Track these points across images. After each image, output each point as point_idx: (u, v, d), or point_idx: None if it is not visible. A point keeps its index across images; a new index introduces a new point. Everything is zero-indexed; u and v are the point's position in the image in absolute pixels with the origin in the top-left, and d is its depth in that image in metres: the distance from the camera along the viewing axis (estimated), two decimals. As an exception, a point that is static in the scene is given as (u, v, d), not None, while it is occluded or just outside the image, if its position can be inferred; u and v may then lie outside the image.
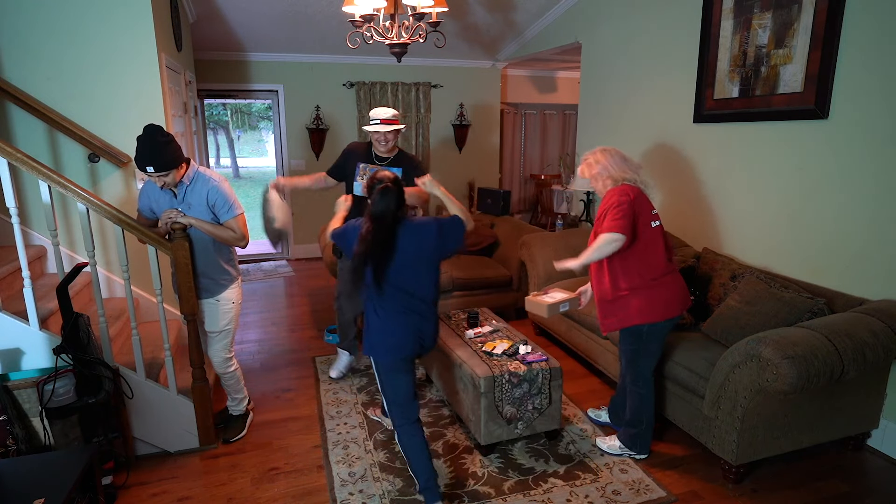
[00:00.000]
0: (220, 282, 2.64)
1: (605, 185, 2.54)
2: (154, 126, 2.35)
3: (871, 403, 2.62)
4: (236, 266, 2.75)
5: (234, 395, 2.88)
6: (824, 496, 2.40)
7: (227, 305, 2.67)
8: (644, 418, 2.59)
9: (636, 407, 2.59)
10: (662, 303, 2.45)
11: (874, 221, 2.68)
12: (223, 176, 2.62)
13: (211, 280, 2.61)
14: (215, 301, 2.64)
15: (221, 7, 4.73)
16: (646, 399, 2.57)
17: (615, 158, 2.54)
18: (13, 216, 2.32)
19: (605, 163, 2.53)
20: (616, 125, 4.56)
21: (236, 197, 2.58)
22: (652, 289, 2.45)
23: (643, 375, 2.56)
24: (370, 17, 3.37)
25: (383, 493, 2.39)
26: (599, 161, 2.55)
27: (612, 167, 2.52)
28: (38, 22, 2.99)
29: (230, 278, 2.69)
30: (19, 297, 2.52)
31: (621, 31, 4.41)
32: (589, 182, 2.61)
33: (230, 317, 2.70)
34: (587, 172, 2.57)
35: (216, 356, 2.72)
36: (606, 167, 2.53)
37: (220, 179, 2.56)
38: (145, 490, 2.44)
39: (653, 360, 2.57)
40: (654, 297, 2.45)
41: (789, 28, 2.97)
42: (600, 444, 2.73)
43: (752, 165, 3.30)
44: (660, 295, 2.45)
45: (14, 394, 2.25)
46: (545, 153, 8.16)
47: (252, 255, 6.73)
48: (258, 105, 18.56)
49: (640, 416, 2.59)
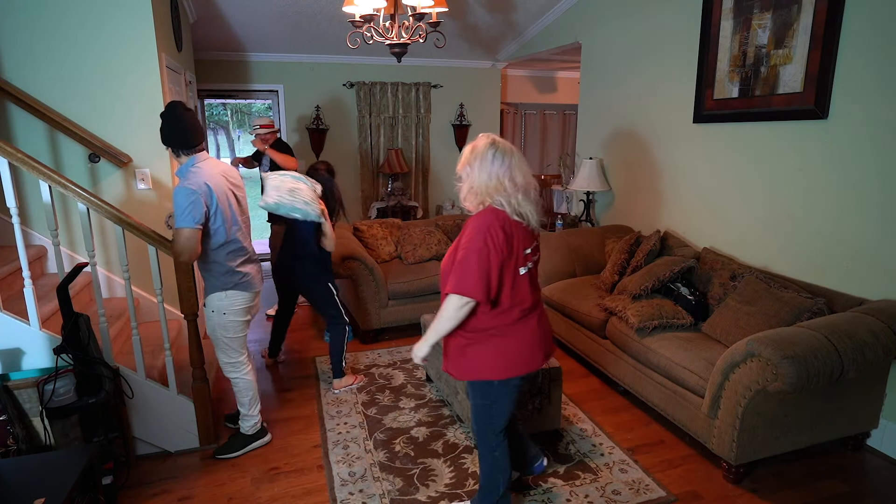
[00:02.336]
0: (207, 285, 2.55)
1: (468, 199, 1.88)
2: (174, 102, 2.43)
3: (871, 403, 2.62)
4: (221, 276, 2.48)
5: (239, 407, 2.72)
6: (824, 496, 2.40)
7: (209, 311, 2.54)
8: (502, 481, 2.07)
9: (490, 471, 2.08)
10: (519, 353, 1.92)
11: (874, 221, 2.68)
12: (201, 183, 2.32)
13: (205, 280, 2.57)
14: (203, 304, 2.62)
15: (221, 7, 4.73)
16: (502, 458, 2.06)
17: (491, 164, 1.80)
18: (13, 216, 2.32)
19: (473, 166, 1.83)
20: (616, 125, 4.56)
21: (194, 208, 2.27)
22: (510, 334, 1.90)
23: (495, 437, 2.04)
24: (370, 17, 3.37)
25: (383, 493, 2.39)
26: (468, 161, 1.86)
27: (480, 175, 1.82)
28: (39, 22, 2.99)
29: (212, 286, 2.51)
30: (19, 297, 2.53)
31: (621, 31, 4.41)
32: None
33: (213, 324, 2.54)
34: (458, 168, 1.91)
35: (218, 359, 2.68)
36: (472, 174, 1.83)
37: (183, 186, 2.30)
38: (145, 490, 2.45)
39: (508, 413, 2.03)
40: (508, 346, 1.90)
41: (789, 28, 2.97)
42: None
43: (751, 165, 3.30)
44: (516, 344, 1.91)
45: (14, 394, 2.25)
46: (545, 153, 8.15)
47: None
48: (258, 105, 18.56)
49: (497, 481, 2.07)
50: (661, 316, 2.96)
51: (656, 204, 4.13)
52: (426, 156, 6.76)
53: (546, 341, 2.01)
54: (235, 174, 2.61)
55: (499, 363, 1.90)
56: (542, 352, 1.97)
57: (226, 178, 2.50)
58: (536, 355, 1.96)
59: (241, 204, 2.57)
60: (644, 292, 3.14)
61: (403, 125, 6.60)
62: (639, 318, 2.95)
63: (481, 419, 2.03)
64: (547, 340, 2.02)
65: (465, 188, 1.87)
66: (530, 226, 1.87)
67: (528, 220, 1.85)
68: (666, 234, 3.74)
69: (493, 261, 1.78)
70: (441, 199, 7.01)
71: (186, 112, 2.39)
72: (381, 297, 4.01)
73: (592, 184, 4.58)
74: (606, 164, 4.72)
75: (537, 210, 1.88)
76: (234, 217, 2.49)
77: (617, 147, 4.57)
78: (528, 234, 1.89)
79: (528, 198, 1.85)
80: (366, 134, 6.45)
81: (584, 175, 4.61)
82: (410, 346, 4.01)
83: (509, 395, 1.98)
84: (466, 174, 1.86)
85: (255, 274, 2.64)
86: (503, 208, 1.82)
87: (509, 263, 1.82)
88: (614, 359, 3.19)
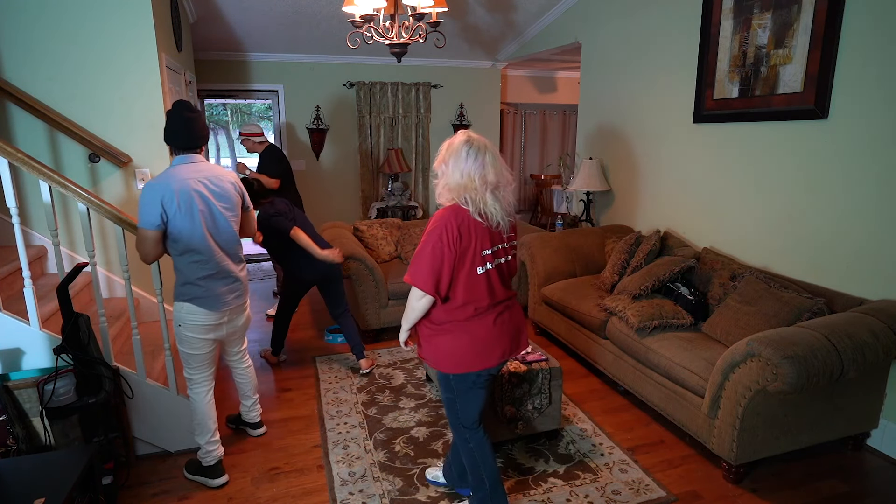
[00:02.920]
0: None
1: (443, 196, 1.89)
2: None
3: (871, 403, 2.62)
4: (180, 285, 2.31)
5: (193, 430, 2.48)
6: (824, 496, 2.40)
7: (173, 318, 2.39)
8: (486, 475, 2.06)
9: (471, 468, 2.08)
10: (472, 349, 1.92)
11: (874, 221, 2.68)
12: (166, 184, 2.18)
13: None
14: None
15: (221, 7, 4.73)
16: (481, 457, 2.05)
17: (465, 162, 1.81)
18: (13, 216, 2.32)
19: (448, 163, 1.85)
20: (616, 125, 4.56)
21: (149, 209, 2.16)
22: (463, 330, 1.91)
23: (466, 431, 2.06)
24: (370, 17, 3.37)
25: (383, 493, 2.39)
26: (443, 158, 1.87)
27: (454, 173, 1.83)
28: (39, 22, 2.99)
29: (174, 292, 2.34)
30: (19, 297, 2.53)
31: (621, 31, 4.41)
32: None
33: (176, 334, 2.37)
34: (435, 165, 1.93)
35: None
36: (447, 171, 1.85)
37: (147, 184, 2.21)
38: (145, 490, 2.45)
39: (474, 407, 2.03)
40: (459, 342, 1.92)
41: (789, 28, 2.97)
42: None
43: (751, 165, 3.30)
44: (468, 340, 1.91)
45: (14, 394, 2.25)
46: (545, 153, 8.16)
47: (252, 255, 6.74)
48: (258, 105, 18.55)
49: (480, 475, 2.07)
50: (661, 316, 2.96)
51: (656, 204, 4.13)
52: (426, 156, 6.76)
53: (503, 340, 1.96)
54: (225, 183, 2.35)
55: (451, 357, 1.94)
56: (497, 350, 1.95)
57: (207, 183, 2.27)
58: (491, 353, 1.94)
59: (214, 214, 2.29)
60: (644, 292, 3.14)
61: (403, 125, 6.60)
62: (639, 319, 2.95)
63: (448, 411, 2.09)
64: (505, 339, 1.97)
65: (441, 185, 1.89)
66: (496, 226, 1.87)
67: (492, 221, 1.84)
68: (666, 234, 3.74)
69: (445, 257, 1.81)
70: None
71: (185, 113, 2.29)
72: (381, 297, 4.01)
73: (592, 184, 4.58)
74: (606, 164, 4.72)
75: (506, 209, 1.88)
76: (199, 226, 2.23)
77: (617, 147, 4.57)
78: (491, 234, 1.88)
79: (496, 197, 1.85)
80: (366, 134, 6.45)
81: (584, 175, 4.61)
82: (410, 346, 4.00)
83: (469, 391, 2.00)
84: (442, 171, 1.87)
85: (224, 294, 2.36)
86: (467, 207, 1.83)
87: (463, 262, 1.84)
88: (614, 359, 3.19)
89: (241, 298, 2.48)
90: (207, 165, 2.35)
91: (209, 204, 2.28)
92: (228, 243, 2.38)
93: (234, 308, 2.45)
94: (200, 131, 2.34)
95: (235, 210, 2.41)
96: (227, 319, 2.43)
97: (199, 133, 2.33)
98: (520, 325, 2.05)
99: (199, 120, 2.33)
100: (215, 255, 2.31)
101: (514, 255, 2.02)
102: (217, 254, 2.32)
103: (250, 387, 2.83)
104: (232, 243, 2.40)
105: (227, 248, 2.38)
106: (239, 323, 2.53)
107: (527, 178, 8.11)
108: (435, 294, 1.84)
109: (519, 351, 2.06)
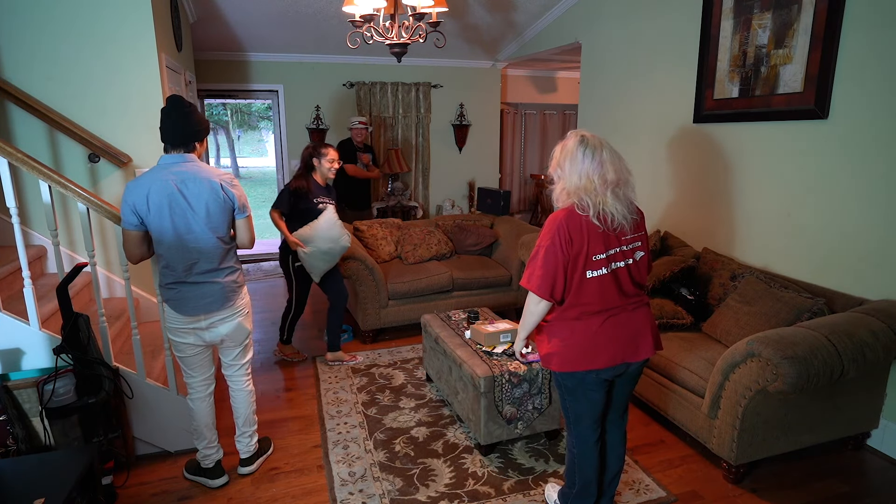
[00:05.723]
0: None
1: (561, 200, 1.85)
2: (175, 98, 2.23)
3: (871, 403, 2.62)
4: (159, 286, 2.31)
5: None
6: (824, 496, 2.40)
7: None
8: (576, 480, 2.07)
9: (568, 464, 2.11)
10: (578, 349, 1.87)
11: (874, 221, 2.68)
12: (141, 184, 2.14)
13: None
14: None
15: (221, 7, 4.73)
16: (579, 459, 2.04)
17: (582, 163, 1.77)
18: (13, 216, 2.32)
19: (564, 166, 1.81)
20: (616, 125, 4.56)
21: (123, 208, 2.16)
22: (570, 330, 1.87)
23: (573, 430, 2.04)
24: (370, 17, 3.37)
25: (383, 493, 2.39)
26: (558, 162, 1.85)
27: (572, 176, 1.79)
28: (38, 22, 2.99)
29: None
30: (19, 297, 2.52)
31: (621, 31, 4.41)
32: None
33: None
34: (549, 169, 1.90)
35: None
36: (564, 175, 1.82)
37: (126, 186, 2.18)
38: (145, 490, 2.45)
39: (581, 409, 1.98)
40: (567, 340, 1.88)
41: (789, 28, 2.97)
42: (547, 490, 2.36)
43: (751, 165, 3.30)
44: (572, 339, 1.87)
45: (14, 394, 2.25)
46: (545, 153, 8.15)
47: (253, 254, 6.74)
48: (258, 105, 18.57)
49: (572, 477, 2.09)
50: (661, 316, 2.96)
51: (656, 204, 4.13)
52: (426, 156, 6.76)
53: (613, 343, 1.86)
54: (204, 186, 2.18)
55: (556, 355, 1.90)
56: (605, 353, 1.86)
57: (182, 186, 2.14)
58: (597, 355, 1.86)
59: (187, 217, 2.15)
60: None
61: (403, 125, 6.60)
62: (639, 318, 2.95)
63: (563, 409, 2.06)
64: (616, 342, 1.86)
65: (559, 189, 1.84)
66: (617, 228, 1.79)
67: (613, 222, 1.77)
68: (666, 234, 3.74)
69: (559, 260, 1.77)
70: (441, 199, 7.02)
71: (174, 110, 2.18)
72: (381, 297, 4.01)
73: (592, 184, 4.57)
74: (606, 164, 4.71)
75: (628, 207, 1.83)
76: (169, 228, 2.14)
77: (617, 147, 4.52)
78: (606, 237, 1.80)
79: (618, 195, 1.79)
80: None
81: (584, 175, 4.61)
82: (411, 346, 4.01)
83: (576, 391, 1.94)
84: (558, 176, 1.83)
85: (194, 298, 2.24)
86: (587, 209, 1.77)
87: (575, 266, 1.79)
88: (614, 359, 3.19)
89: (219, 305, 2.28)
90: (192, 166, 2.19)
91: (182, 207, 2.14)
92: (204, 249, 2.21)
93: (213, 314, 2.28)
94: (185, 129, 2.19)
95: (219, 215, 2.21)
96: (206, 326, 2.29)
97: (183, 131, 2.18)
98: (640, 328, 1.91)
99: (188, 117, 2.19)
100: (186, 259, 2.19)
101: (645, 253, 1.91)
102: (189, 258, 2.19)
103: (242, 414, 2.53)
104: (209, 248, 2.22)
105: (204, 254, 2.21)
106: (223, 331, 2.33)
107: (527, 178, 8.11)
108: (550, 298, 1.82)
109: (638, 356, 1.92)
